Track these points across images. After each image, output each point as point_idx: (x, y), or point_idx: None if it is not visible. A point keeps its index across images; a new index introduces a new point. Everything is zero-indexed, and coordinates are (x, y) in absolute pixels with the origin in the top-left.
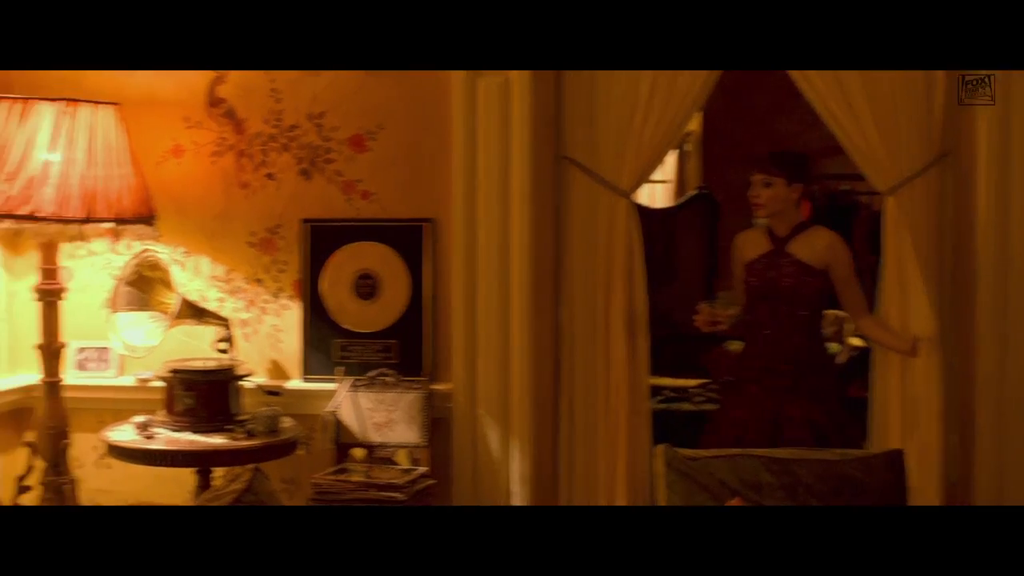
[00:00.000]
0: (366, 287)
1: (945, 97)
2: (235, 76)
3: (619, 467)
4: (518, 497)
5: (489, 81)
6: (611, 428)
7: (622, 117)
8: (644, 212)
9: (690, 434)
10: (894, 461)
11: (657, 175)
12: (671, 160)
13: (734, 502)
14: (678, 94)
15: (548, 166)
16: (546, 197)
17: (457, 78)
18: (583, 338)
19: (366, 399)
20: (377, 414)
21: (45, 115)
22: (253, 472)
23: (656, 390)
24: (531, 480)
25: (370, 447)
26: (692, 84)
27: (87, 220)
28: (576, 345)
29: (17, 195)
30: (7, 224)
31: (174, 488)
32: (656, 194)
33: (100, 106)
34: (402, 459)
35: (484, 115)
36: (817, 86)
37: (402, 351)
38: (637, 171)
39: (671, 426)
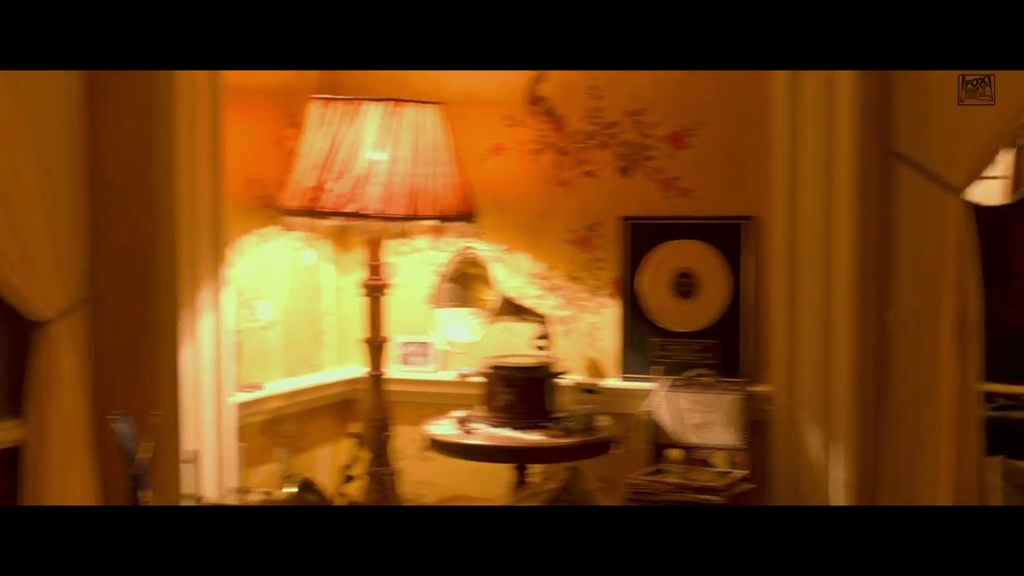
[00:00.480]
0: (685, 285)
1: None
2: (555, 75)
3: (945, 477)
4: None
5: (813, 78)
6: (938, 436)
7: (955, 109)
8: (976, 210)
9: None
10: None
11: (990, 171)
12: (1006, 156)
13: None
14: (1016, 84)
15: (875, 162)
16: (872, 194)
17: (779, 75)
18: (910, 341)
19: (684, 399)
20: (695, 415)
21: (372, 115)
22: (570, 471)
23: (989, 397)
24: (854, 487)
25: (687, 448)
26: None
27: (411, 218)
28: (903, 348)
29: (345, 193)
30: (336, 221)
31: (492, 483)
32: (989, 191)
33: (425, 106)
34: (719, 462)
35: (807, 112)
36: None
37: (721, 351)
38: (970, 167)
39: (1005, 436)
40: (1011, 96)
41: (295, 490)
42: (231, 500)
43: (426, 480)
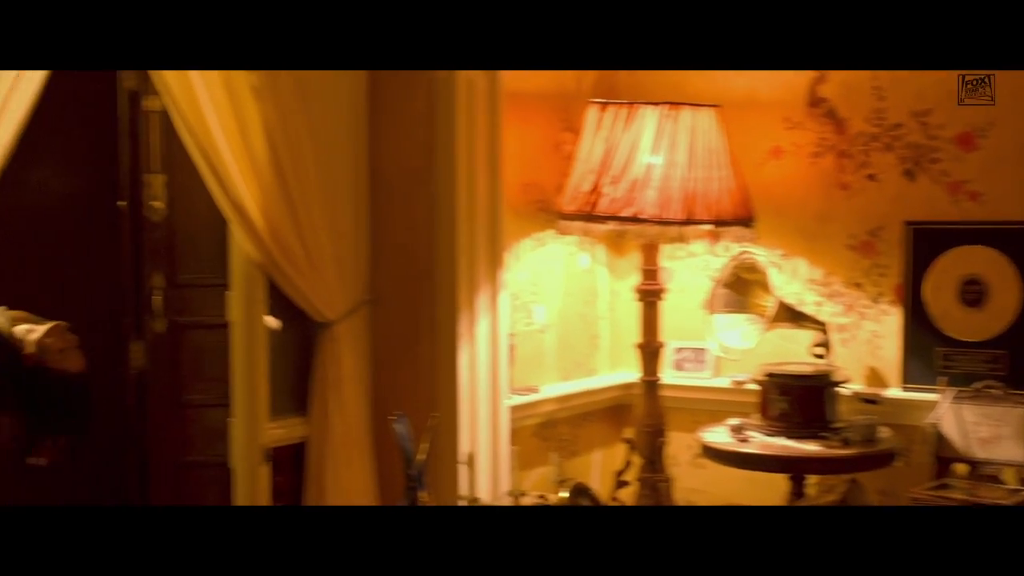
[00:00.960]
0: (972, 293)
1: None
2: (836, 75)
3: None
4: None
5: None
6: None
7: None
8: None
9: None
10: None
11: None
12: None
13: None
14: None
15: None
16: None
17: None
18: None
19: (970, 412)
20: (982, 428)
21: (649, 119)
22: (849, 484)
23: None
24: None
25: (973, 463)
26: None
27: (687, 222)
28: None
29: (621, 197)
30: (612, 226)
31: (767, 493)
32: None
33: (701, 109)
34: (1009, 478)
35: None
36: None
37: (1011, 362)
38: None
39: None
40: None
41: (568, 494)
42: (505, 503)
43: (699, 488)
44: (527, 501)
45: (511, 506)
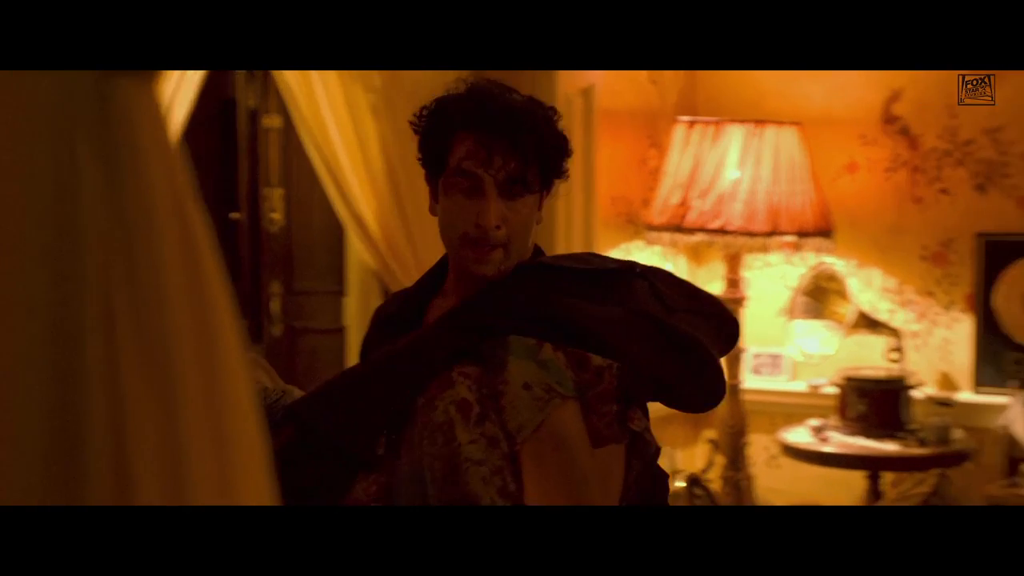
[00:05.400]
0: None
1: None
2: (910, 93)
3: None
4: None
5: None
6: None
7: None
8: None
9: None
10: None
11: None
12: None
13: None
14: None
15: None
16: None
17: None
18: None
19: None
20: None
21: (735, 136)
22: (940, 476)
23: None
24: None
25: None
26: None
27: (772, 234)
28: None
29: (709, 210)
30: (700, 237)
31: (843, 491)
32: None
33: (784, 126)
34: None
35: None
36: None
37: None
38: None
39: None
40: None
41: (684, 484)
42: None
43: (777, 487)
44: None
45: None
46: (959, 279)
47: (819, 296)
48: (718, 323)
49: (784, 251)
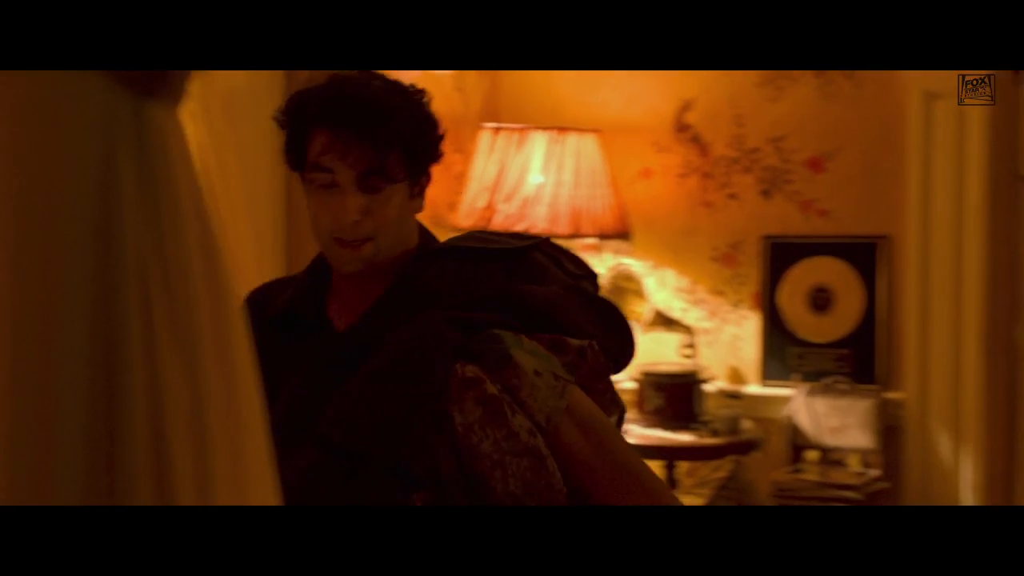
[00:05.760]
0: (821, 299)
1: None
2: (701, 103)
3: None
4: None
5: (946, 105)
6: None
7: None
8: None
9: None
10: None
11: None
12: None
13: None
14: None
15: (1004, 186)
16: (1001, 216)
17: (913, 100)
18: None
19: (820, 404)
20: (831, 419)
21: (538, 142)
22: (735, 462)
23: None
24: (983, 488)
25: (823, 450)
26: None
27: (574, 236)
28: None
29: (514, 213)
30: None
31: None
32: None
33: (585, 134)
34: (854, 463)
35: (939, 136)
36: None
37: (855, 360)
38: None
39: None
40: None
41: None
42: None
43: None
44: None
45: None
46: (747, 279)
47: (618, 296)
48: (597, 283)
49: (587, 253)
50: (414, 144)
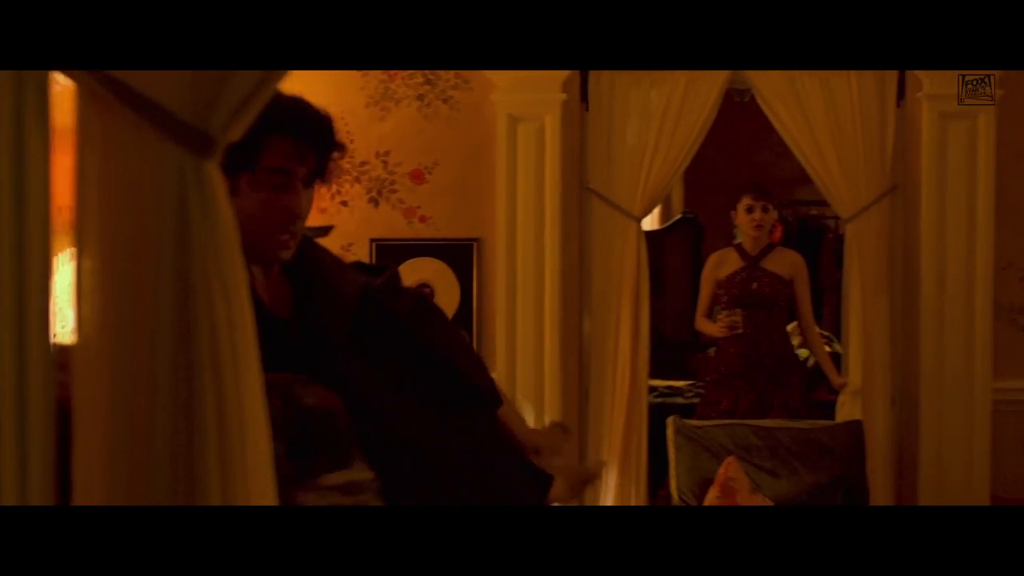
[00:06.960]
0: (425, 294)
1: (896, 136)
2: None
3: (619, 443)
4: None
5: (527, 126)
6: (616, 416)
7: (635, 155)
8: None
9: None
10: (855, 430)
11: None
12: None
13: (729, 460)
14: (680, 136)
15: (575, 196)
16: (572, 221)
17: (501, 122)
18: (599, 342)
19: None
20: None
21: None
22: None
23: (650, 388)
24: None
25: None
26: (692, 127)
27: None
28: (594, 347)
29: None
30: None
31: None
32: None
33: None
34: None
35: (522, 153)
36: (785, 121)
37: None
38: (647, 199)
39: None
40: (676, 143)
41: None
42: None
43: None
44: None
45: None
46: None
47: None
48: None
49: None
50: (331, 150)
